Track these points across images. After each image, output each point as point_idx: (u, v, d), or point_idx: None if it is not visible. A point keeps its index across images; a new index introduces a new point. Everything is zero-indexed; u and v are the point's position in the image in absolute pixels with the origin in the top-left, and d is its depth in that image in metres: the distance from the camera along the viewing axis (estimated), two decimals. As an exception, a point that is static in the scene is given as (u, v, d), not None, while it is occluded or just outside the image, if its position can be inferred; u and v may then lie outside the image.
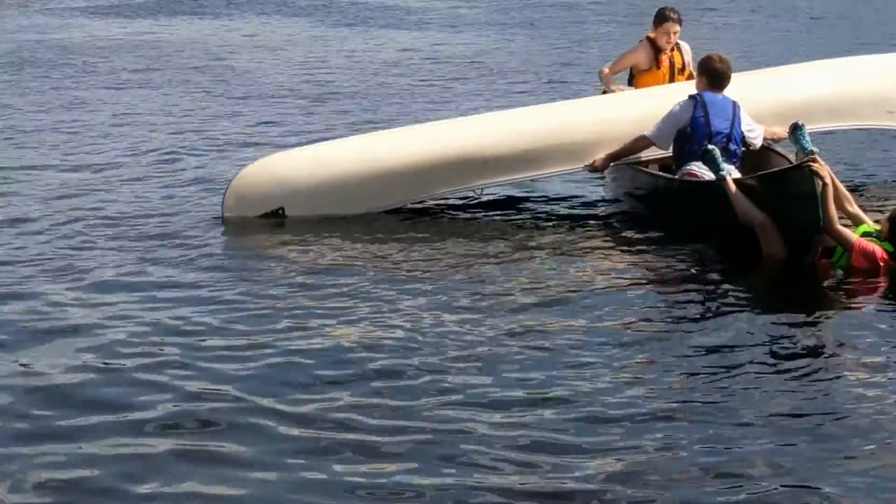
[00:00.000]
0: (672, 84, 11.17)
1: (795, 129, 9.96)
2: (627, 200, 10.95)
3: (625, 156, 10.46)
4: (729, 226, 9.32)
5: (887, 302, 8.47)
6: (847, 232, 8.92)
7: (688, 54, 11.44)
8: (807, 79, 11.42)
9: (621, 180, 11.02)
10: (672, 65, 11.33)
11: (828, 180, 8.88)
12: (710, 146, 9.80)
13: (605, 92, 11.75)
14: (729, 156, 10.06)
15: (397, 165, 10.50)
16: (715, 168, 9.69)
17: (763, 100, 10.79)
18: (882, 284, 8.63)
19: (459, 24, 25.20)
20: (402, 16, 26.67)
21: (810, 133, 10.00)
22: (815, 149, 9.79)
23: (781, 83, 11.29)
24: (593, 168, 10.57)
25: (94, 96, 16.94)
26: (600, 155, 10.47)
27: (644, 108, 10.49)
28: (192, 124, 14.86)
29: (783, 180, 9.06)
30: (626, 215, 10.64)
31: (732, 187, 9.41)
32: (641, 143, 10.36)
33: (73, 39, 23.01)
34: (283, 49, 21.98)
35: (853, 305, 8.39)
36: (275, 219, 10.36)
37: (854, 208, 9.23)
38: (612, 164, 10.51)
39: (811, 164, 8.89)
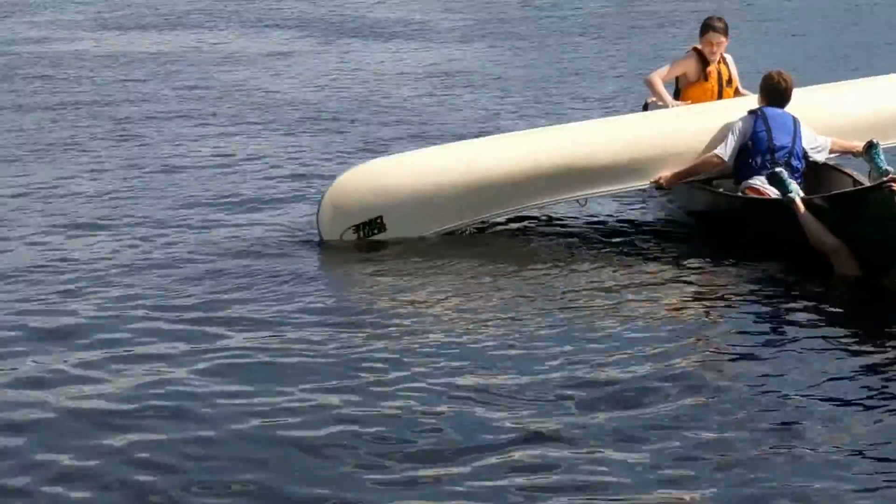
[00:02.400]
0: (740, 98, 10.85)
1: (871, 148, 9.76)
2: (684, 218, 10.65)
3: (694, 174, 10.15)
4: (797, 244, 9.07)
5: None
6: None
7: (732, 67, 11.15)
8: (880, 92, 11.04)
9: (678, 198, 10.74)
10: (720, 76, 11.03)
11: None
12: (778, 168, 9.59)
13: (649, 101, 11.50)
14: (791, 171, 9.84)
15: (504, 173, 10.09)
16: (783, 189, 9.47)
17: (832, 115, 10.49)
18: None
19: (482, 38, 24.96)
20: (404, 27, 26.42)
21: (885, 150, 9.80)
22: (890, 168, 9.61)
23: (853, 97, 10.94)
24: (659, 185, 10.27)
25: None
26: (666, 172, 10.18)
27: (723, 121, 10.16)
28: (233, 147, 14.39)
29: (860, 201, 8.76)
30: (685, 234, 10.36)
31: (802, 208, 9.15)
32: (714, 160, 10.04)
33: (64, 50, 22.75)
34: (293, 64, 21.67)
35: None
36: (370, 236, 9.96)
37: None
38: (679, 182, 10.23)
39: (891, 184, 8.69)
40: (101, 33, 25.25)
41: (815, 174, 10.05)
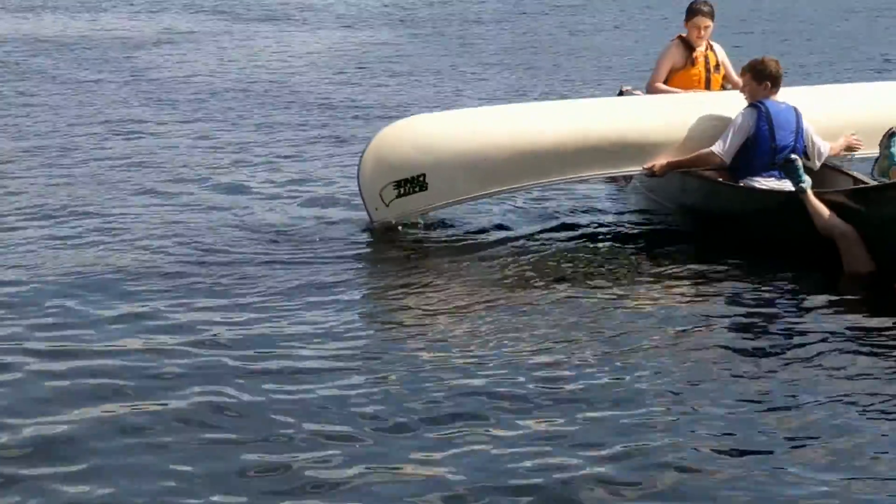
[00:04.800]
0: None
1: (892, 136, 9.46)
2: (676, 209, 10.29)
3: (686, 167, 9.78)
4: (804, 240, 8.80)
5: None
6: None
7: (721, 54, 10.84)
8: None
9: (667, 187, 10.28)
10: (707, 62, 10.68)
11: (932, 197, 8.40)
12: (794, 156, 9.24)
13: (625, 90, 11.20)
14: None
15: (553, 139, 9.60)
16: (796, 179, 9.13)
17: (847, 114, 10.20)
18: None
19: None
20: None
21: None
22: None
23: (866, 98, 10.67)
24: (651, 172, 9.85)
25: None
26: (661, 160, 9.76)
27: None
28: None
29: (882, 197, 8.51)
30: (678, 226, 10.10)
31: (814, 201, 8.88)
32: (710, 158, 9.65)
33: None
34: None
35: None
36: (410, 194, 9.48)
37: None
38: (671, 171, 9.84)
39: None
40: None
41: (815, 175, 9.62)
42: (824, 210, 8.79)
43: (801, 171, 9.11)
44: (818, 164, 9.69)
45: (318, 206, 10.77)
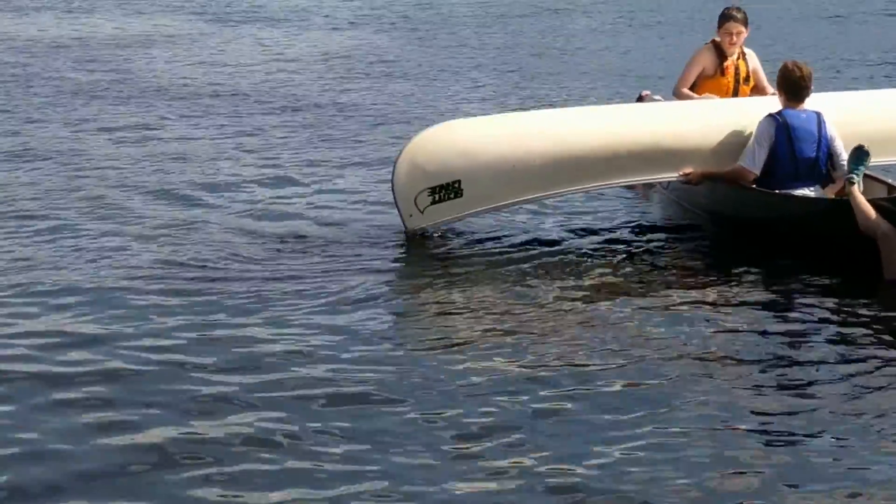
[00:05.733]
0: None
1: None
2: (707, 216, 10.19)
3: (722, 179, 9.69)
4: (841, 247, 8.73)
5: None
6: None
7: (754, 61, 10.67)
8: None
9: (698, 194, 10.14)
10: (737, 72, 10.53)
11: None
12: (866, 146, 9.07)
13: (644, 95, 11.16)
14: (816, 179, 9.49)
15: (590, 145, 9.53)
16: (852, 167, 9.00)
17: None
18: None
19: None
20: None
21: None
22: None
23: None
24: (687, 179, 9.77)
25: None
26: (697, 169, 9.69)
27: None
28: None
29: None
30: (709, 233, 10.03)
31: (859, 197, 8.75)
32: (743, 174, 9.52)
33: None
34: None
35: None
36: (445, 200, 9.39)
37: None
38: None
39: None
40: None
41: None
42: (869, 208, 8.66)
43: (863, 162, 8.97)
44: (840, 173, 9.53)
45: (339, 212, 10.62)
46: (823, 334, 7.81)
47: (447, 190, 9.37)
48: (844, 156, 9.45)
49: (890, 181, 9.71)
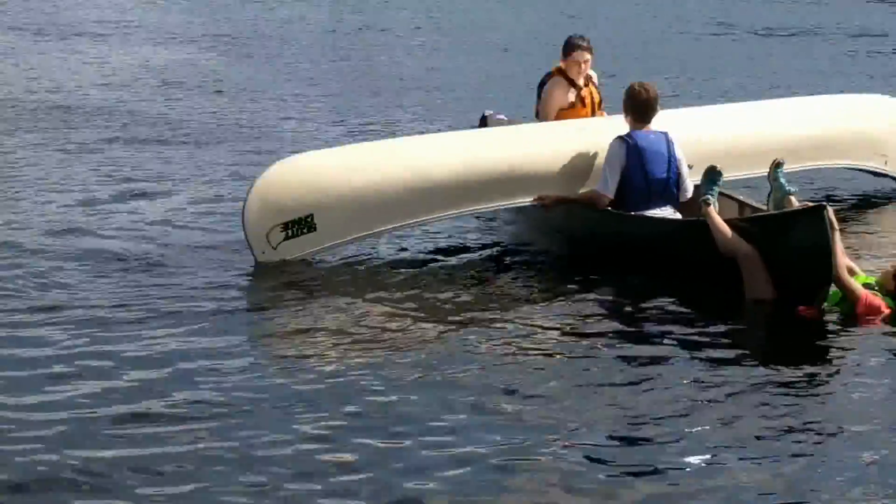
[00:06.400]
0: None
1: (777, 168, 9.38)
2: (564, 238, 10.11)
3: (577, 203, 9.68)
4: (699, 267, 8.71)
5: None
6: (854, 283, 8.41)
7: (595, 80, 10.71)
8: (794, 114, 10.98)
9: (553, 217, 10.03)
10: (592, 100, 10.56)
11: (836, 225, 8.36)
12: (719, 168, 9.13)
13: (487, 114, 11.26)
14: (668, 200, 9.48)
15: (443, 173, 9.42)
16: (706, 188, 8.99)
17: (746, 134, 10.37)
18: (884, 333, 8.23)
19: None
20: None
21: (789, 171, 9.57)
22: (792, 189, 9.29)
23: (767, 117, 10.80)
24: (542, 203, 9.70)
25: None
26: (552, 194, 9.65)
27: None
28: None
29: (792, 224, 8.44)
30: (566, 256, 9.95)
31: (716, 218, 8.75)
32: (597, 198, 9.53)
33: None
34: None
35: (858, 352, 7.95)
36: (298, 236, 9.18)
37: (846, 258, 8.68)
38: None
39: (826, 206, 8.30)
40: None
41: (690, 204, 9.57)
42: (727, 229, 8.67)
43: (717, 182, 9.01)
44: (687, 195, 9.55)
45: (190, 232, 10.36)
46: (682, 356, 7.79)
47: (300, 225, 9.18)
48: (688, 184, 9.51)
49: (741, 198, 9.77)
